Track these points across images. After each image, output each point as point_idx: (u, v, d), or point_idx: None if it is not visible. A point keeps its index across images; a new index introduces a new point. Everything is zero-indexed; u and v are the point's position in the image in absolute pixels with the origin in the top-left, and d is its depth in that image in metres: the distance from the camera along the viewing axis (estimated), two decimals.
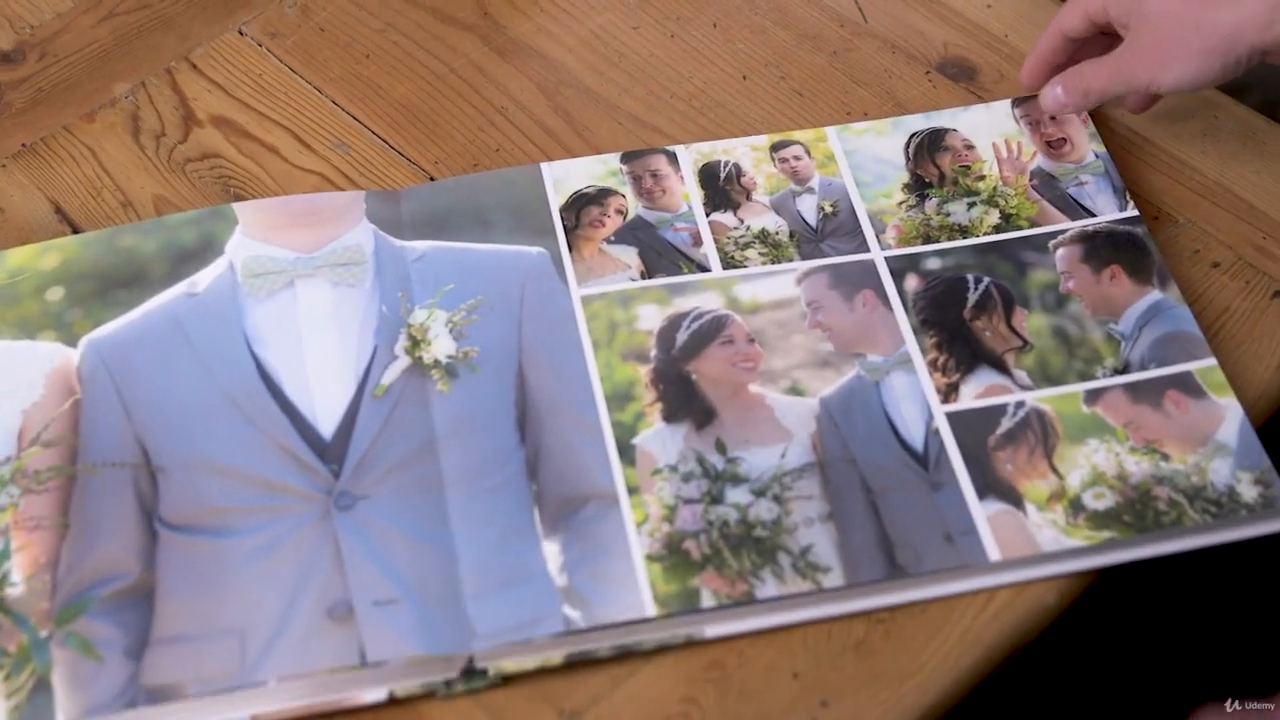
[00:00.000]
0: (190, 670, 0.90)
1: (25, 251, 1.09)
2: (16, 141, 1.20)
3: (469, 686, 0.91)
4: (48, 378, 1.01)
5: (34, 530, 0.94)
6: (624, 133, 1.20)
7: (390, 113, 1.22)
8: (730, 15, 1.28)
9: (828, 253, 1.10)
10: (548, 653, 0.92)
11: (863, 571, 0.94)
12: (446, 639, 0.91)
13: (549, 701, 0.91)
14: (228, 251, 1.07)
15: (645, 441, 1.00)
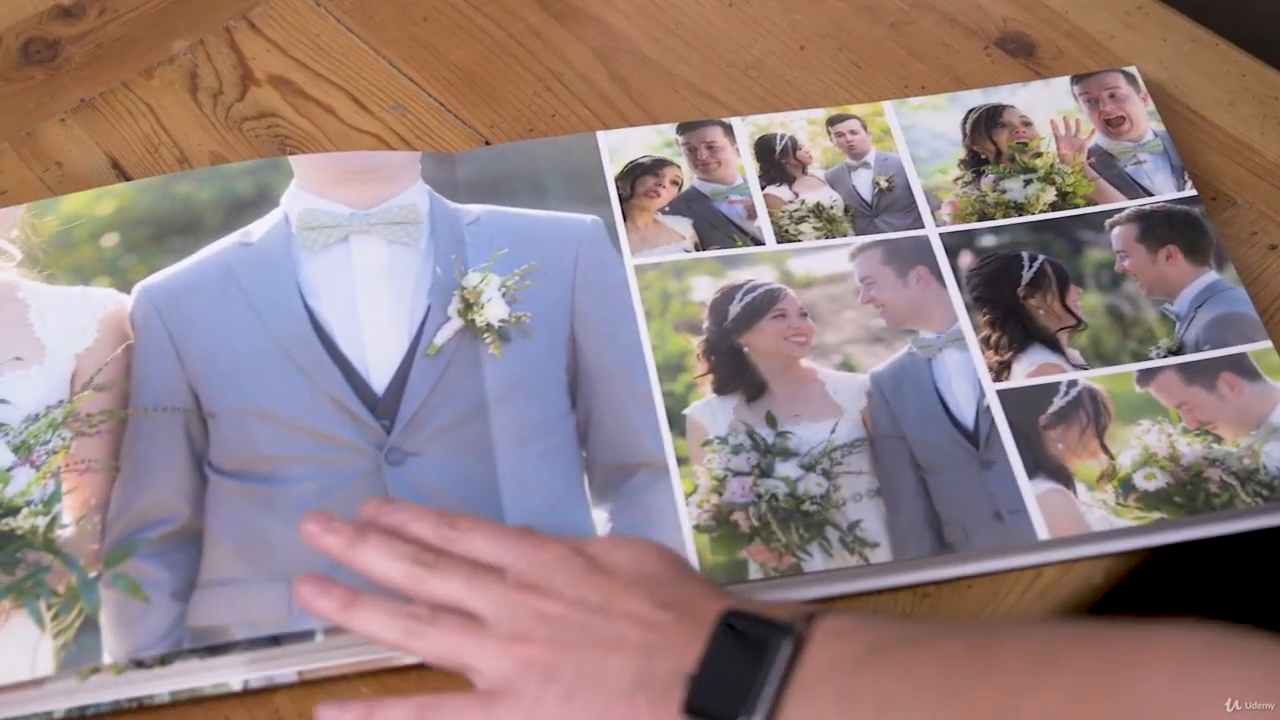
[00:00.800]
0: (237, 613, 0.90)
1: (80, 198, 1.09)
2: (75, 96, 1.20)
3: None
4: (101, 323, 1.01)
5: (85, 473, 0.95)
6: (680, 101, 1.19)
7: (447, 76, 1.21)
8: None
9: (882, 228, 1.10)
10: None
11: (910, 548, 0.94)
12: None
13: None
14: (283, 203, 1.07)
15: (696, 412, 1.00)
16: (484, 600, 0.80)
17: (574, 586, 0.80)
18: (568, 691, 0.78)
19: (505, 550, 0.83)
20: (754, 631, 0.78)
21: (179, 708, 0.90)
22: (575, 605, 0.79)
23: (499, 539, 0.84)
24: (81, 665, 0.88)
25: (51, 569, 0.91)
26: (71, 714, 0.89)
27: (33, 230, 1.07)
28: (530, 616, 0.79)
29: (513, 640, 0.79)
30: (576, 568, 0.81)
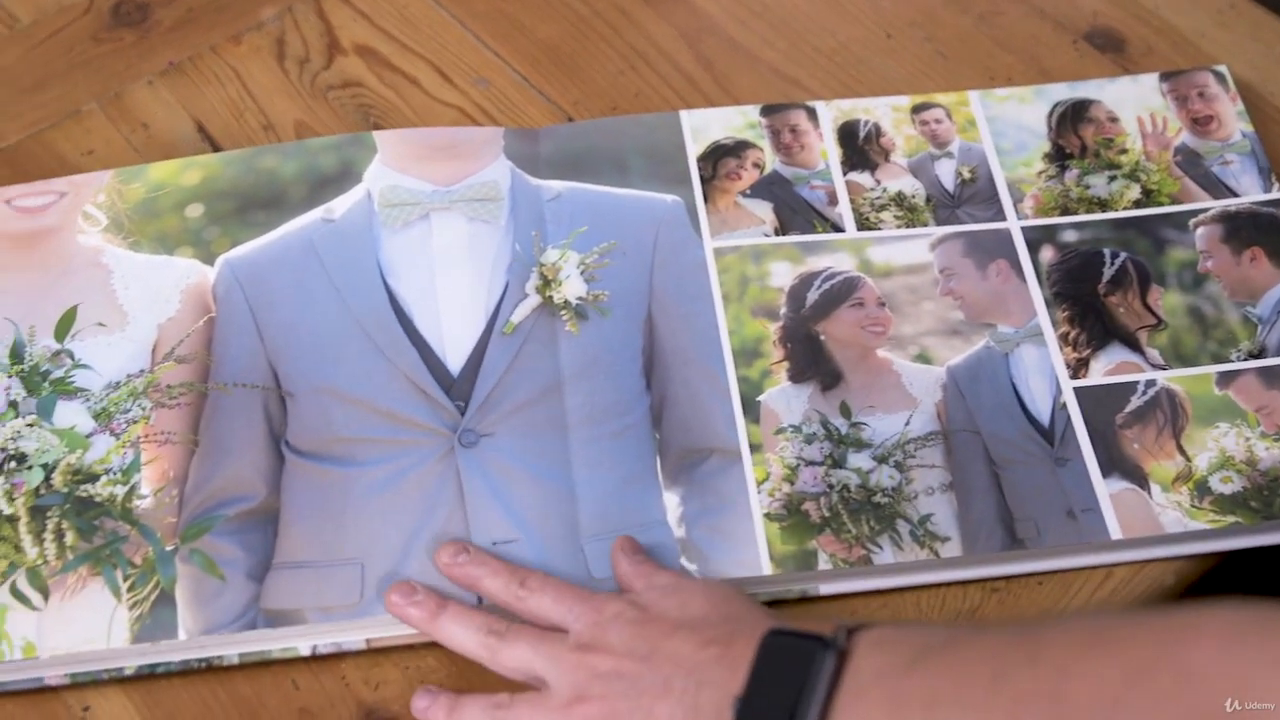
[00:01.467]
0: (311, 598, 0.91)
1: (167, 167, 1.10)
2: (164, 59, 1.21)
3: None
4: (184, 293, 1.02)
5: (164, 444, 0.96)
6: (764, 84, 1.19)
7: (532, 51, 1.22)
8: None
9: (963, 219, 1.09)
10: None
11: (981, 543, 0.94)
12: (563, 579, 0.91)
13: None
14: (366, 179, 1.07)
15: (770, 399, 1.00)
16: (548, 665, 0.85)
17: (625, 640, 0.84)
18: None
19: (568, 611, 0.87)
20: (796, 648, 0.79)
21: (246, 670, 0.91)
22: (626, 658, 0.83)
23: (562, 600, 0.88)
24: (156, 639, 0.89)
25: (129, 539, 0.92)
26: (141, 672, 0.90)
27: (119, 196, 1.08)
28: (587, 676, 0.83)
29: (573, 701, 0.83)
30: (628, 621, 0.85)
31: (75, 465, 0.93)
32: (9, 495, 0.92)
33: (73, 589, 0.91)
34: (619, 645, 0.84)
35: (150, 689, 0.91)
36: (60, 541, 0.91)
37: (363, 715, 0.90)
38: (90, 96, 1.19)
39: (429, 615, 0.89)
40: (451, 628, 0.88)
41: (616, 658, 0.83)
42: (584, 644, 0.85)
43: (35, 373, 0.98)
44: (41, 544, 0.91)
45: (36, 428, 0.95)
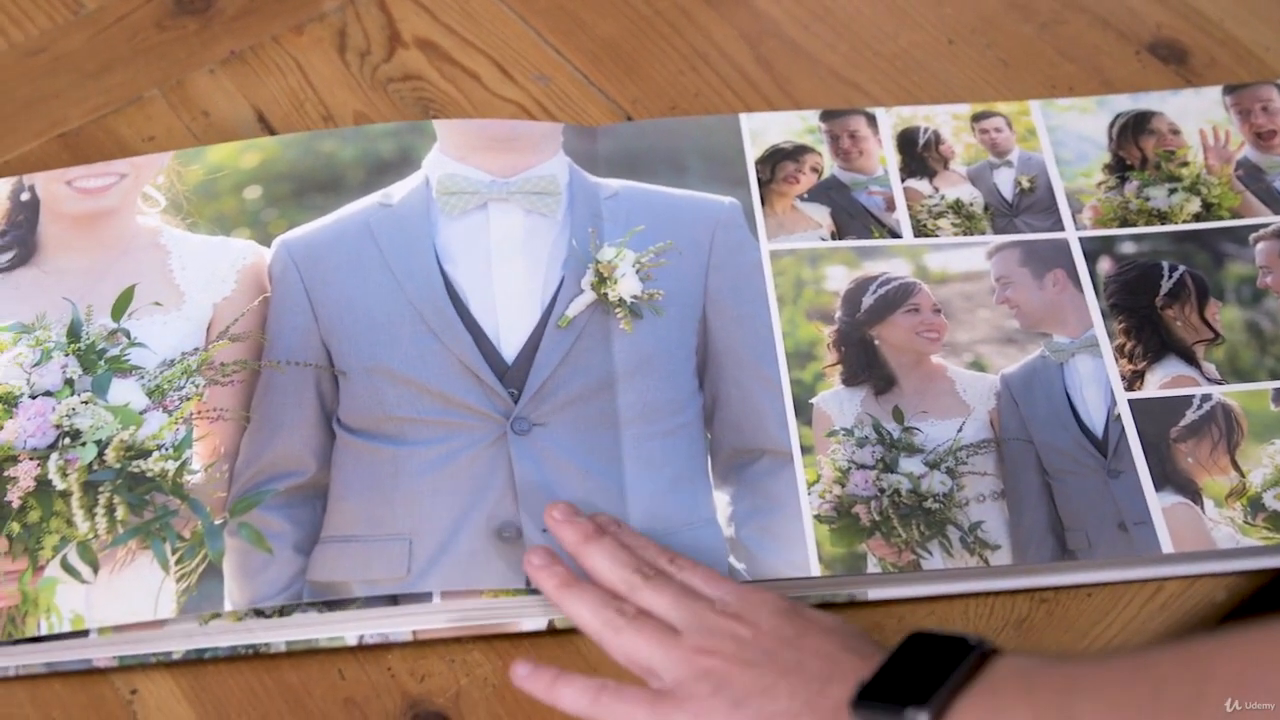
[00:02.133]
0: (357, 571, 0.91)
1: (226, 149, 1.11)
2: (226, 48, 1.21)
3: None
4: (240, 274, 1.03)
5: (216, 420, 0.96)
6: (824, 88, 1.19)
7: (593, 49, 1.22)
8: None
9: (1021, 228, 1.09)
10: None
11: (1032, 553, 0.93)
12: None
13: None
14: (424, 167, 1.07)
15: (823, 402, 0.99)
16: (687, 616, 0.83)
17: (774, 620, 0.83)
18: (735, 701, 0.79)
19: (718, 587, 0.86)
20: (937, 644, 0.79)
21: (294, 658, 0.91)
22: (769, 635, 0.82)
23: (714, 579, 0.86)
24: (203, 611, 0.90)
25: (178, 513, 0.93)
26: (189, 656, 0.90)
27: (178, 178, 1.08)
28: (723, 635, 0.82)
29: (698, 651, 0.81)
30: (782, 608, 0.84)
31: (128, 441, 0.94)
32: (62, 471, 0.92)
33: (122, 562, 0.91)
34: (765, 624, 0.82)
35: (198, 674, 0.91)
36: (111, 516, 0.92)
37: (407, 706, 0.90)
38: (152, 83, 1.19)
39: (560, 584, 0.87)
40: (578, 603, 0.86)
41: (759, 632, 0.82)
42: (730, 612, 0.83)
43: (92, 351, 0.98)
44: (93, 518, 0.91)
45: (91, 405, 0.95)
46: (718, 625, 0.82)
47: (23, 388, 0.96)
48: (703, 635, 0.82)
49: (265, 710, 0.89)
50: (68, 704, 0.90)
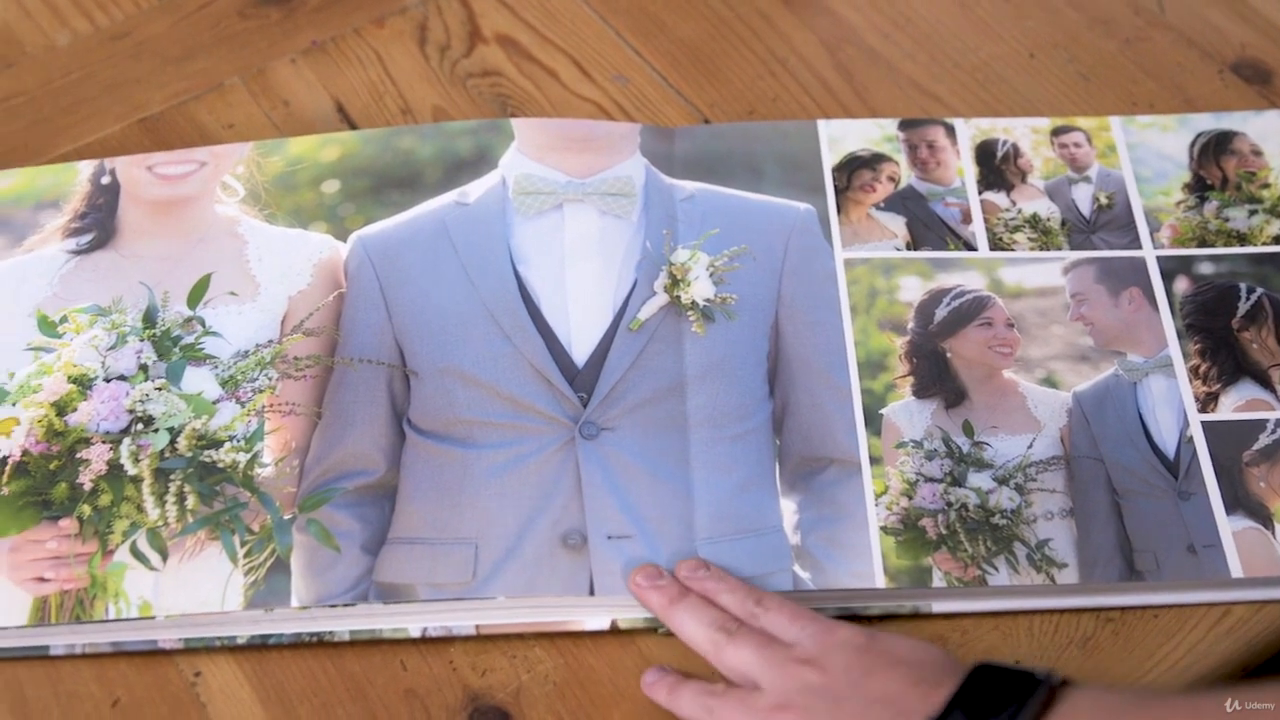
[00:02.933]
0: (424, 574, 0.92)
1: (306, 142, 1.11)
2: (308, 38, 1.22)
3: None
4: (316, 267, 1.03)
5: (288, 415, 0.97)
6: (903, 98, 1.18)
7: (672, 51, 1.22)
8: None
9: (1098, 245, 1.08)
10: None
11: (1099, 572, 0.93)
12: None
13: None
14: (501, 166, 1.08)
15: (893, 413, 0.99)
16: (765, 669, 0.85)
17: (844, 663, 0.84)
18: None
19: (800, 630, 0.86)
20: (1004, 678, 0.80)
21: (357, 647, 0.92)
22: (837, 677, 0.83)
23: (796, 619, 0.87)
24: (269, 605, 0.90)
25: (248, 506, 0.93)
26: (254, 641, 0.91)
27: (258, 169, 1.09)
28: (799, 686, 0.84)
29: (776, 709, 0.83)
30: (854, 648, 0.85)
31: (200, 430, 0.94)
32: (134, 456, 0.93)
33: (191, 551, 0.92)
34: (837, 666, 0.84)
35: (261, 659, 0.91)
36: (181, 504, 0.92)
37: (468, 700, 0.90)
38: (234, 71, 1.20)
39: (668, 601, 0.89)
40: (685, 617, 0.89)
41: (830, 676, 0.83)
42: (806, 658, 0.85)
43: (166, 338, 0.99)
44: (163, 506, 0.92)
45: (165, 392, 0.96)
46: (793, 676, 0.84)
47: (97, 370, 0.97)
48: (780, 690, 0.84)
49: (326, 698, 0.90)
50: (132, 684, 0.90)
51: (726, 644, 0.87)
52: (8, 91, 1.19)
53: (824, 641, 0.85)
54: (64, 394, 0.95)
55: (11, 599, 0.91)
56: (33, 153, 1.15)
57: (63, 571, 0.91)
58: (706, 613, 0.89)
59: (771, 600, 0.89)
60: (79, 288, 1.03)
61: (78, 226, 1.07)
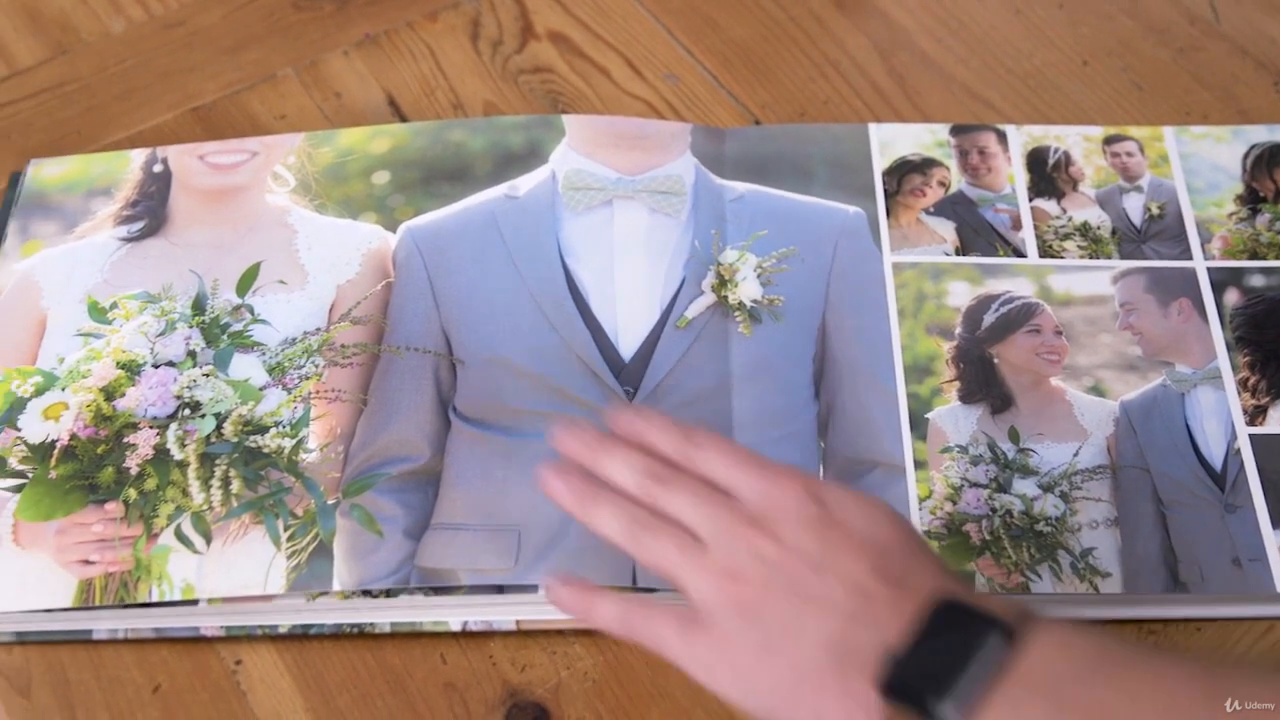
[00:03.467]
0: (466, 559, 0.92)
1: (357, 133, 1.12)
2: (360, 31, 1.22)
3: None
4: (365, 257, 1.04)
5: (334, 401, 0.97)
6: (955, 103, 1.18)
7: (724, 51, 1.21)
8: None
9: (1148, 255, 1.08)
10: None
11: (1143, 582, 0.92)
12: None
13: None
14: (551, 161, 1.08)
15: (939, 418, 0.99)
16: (708, 525, 0.78)
17: (798, 533, 0.77)
18: (765, 644, 0.75)
19: (741, 476, 0.79)
20: (968, 622, 0.73)
21: (397, 639, 0.92)
22: (794, 553, 0.76)
23: (736, 464, 0.80)
24: (311, 589, 0.91)
25: (292, 491, 0.93)
26: (295, 631, 0.91)
27: (309, 159, 1.09)
28: (748, 554, 0.76)
29: (726, 575, 0.76)
30: (806, 514, 0.77)
31: (246, 416, 0.95)
32: (181, 441, 0.93)
33: (235, 535, 0.92)
34: (789, 536, 0.77)
35: (301, 649, 0.92)
36: (226, 489, 0.93)
37: (506, 695, 0.90)
38: (287, 62, 1.20)
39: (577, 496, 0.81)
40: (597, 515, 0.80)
41: (784, 550, 0.76)
42: (752, 518, 0.78)
43: (215, 325, 0.99)
44: (208, 490, 0.92)
45: (212, 378, 0.96)
46: (740, 539, 0.77)
47: (146, 356, 0.97)
48: (727, 553, 0.77)
49: (366, 689, 0.90)
50: (173, 670, 0.91)
51: (659, 490, 0.79)
52: (63, 78, 1.20)
53: (772, 499, 0.78)
54: (113, 379, 0.96)
55: (57, 581, 0.91)
56: (86, 140, 1.16)
57: (108, 554, 0.91)
58: (634, 458, 0.81)
59: (706, 438, 0.81)
60: (129, 274, 1.03)
61: (129, 214, 1.07)
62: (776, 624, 0.75)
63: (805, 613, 0.75)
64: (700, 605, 0.77)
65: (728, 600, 0.76)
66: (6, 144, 1.15)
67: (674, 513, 0.79)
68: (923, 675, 0.72)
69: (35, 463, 0.94)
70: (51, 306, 1.02)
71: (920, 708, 0.71)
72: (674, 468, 0.81)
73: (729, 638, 0.76)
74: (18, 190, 1.10)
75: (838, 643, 0.74)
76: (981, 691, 0.71)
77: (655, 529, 0.79)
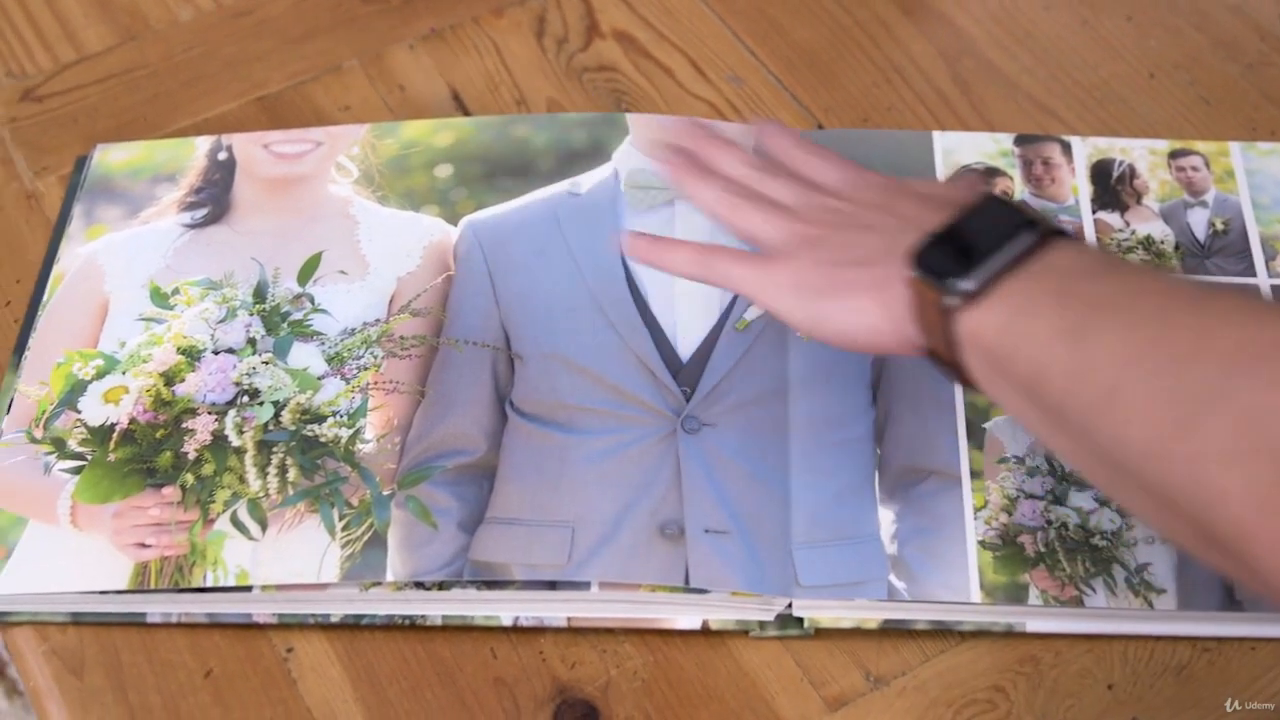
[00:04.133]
0: (519, 554, 0.92)
1: (421, 126, 1.12)
2: (426, 25, 1.23)
3: (782, 632, 0.91)
4: (426, 250, 1.04)
5: (391, 392, 0.97)
6: (1019, 113, 1.17)
7: (788, 54, 1.21)
8: (1146, 10, 1.24)
9: (1211, 271, 1.07)
10: (866, 615, 0.91)
11: (1198, 600, 0.92)
12: (770, 581, 0.91)
13: (857, 662, 0.91)
14: (614, 159, 1.08)
15: (996, 428, 0.98)
16: (800, 198, 0.87)
17: (868, 192, 0.87)
18: (822, 259, 0.83)
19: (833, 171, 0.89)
20: (1007, 215, 0.78)
21: (448, 632, 0.92)
22: (859, 202, 0.86)
23: (831, 164, 0.90)
24: (364, 578, 0.91)
25: (348, 480, 0.94)
26: (347, 620, 0.91)
27: (372, 150, 1.10)
28: (821, 209, 0.86)
29: (797, 220, 0.86)
30: (881, 184, 0.87)
31: (304, 405, 0.95)
32: (239, 428, 0.94)
33: (290, 523, 0.93)
34: (859, 195, 0.86)
35: (353, 639, 0.92)
36: (283, 477, 0.93)
37: (556, 692, 0.90)
38: (352, 54, 1.21)
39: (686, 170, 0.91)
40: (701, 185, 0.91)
41: (851, 201, 0.86)
42: (833, 191, 0.88)
43: (276, 313, 1.00)
44: (265, 477, 0.93)
45: (271, 366, 0.97)
46: (819, 202, 0.87)
47: (206, 343, 0.98)
48: (804, 210, 0.86)
49: (416, 681, 0.90)
50: (225, 655, 0.91)
51: (762, 178, 0.90)
52: (130, 64, 1.20)
53: (858, 180, 0.88)
54: (173, 365, 0.97)
55: (113, 563, 0.92)
56: (151, 126, 1.16)
57: (164, 538, 0.92)
58: (741, 155, 0.92)
59: (815, 148, 0.92)
60: (192, 261, 1.04)
61: (193, 201, 1.08)
62: (836, 245, 0.84)
63: (863, 236, 0.83)
64: (771, 246, 0.86)
65: (796, 236, 0.85)
66: (73, 128, 1.16)
67: (771, 193, 0.88)
68: (955, 248, 0.77)
69: (94, 445, 0.95)
70: (114, 291, 1.03)
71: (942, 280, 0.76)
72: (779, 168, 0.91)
73: (792, 261, 0.84)
74: (83, 175, 1.11)
75: (888, 246, 0.81)
76: (1002, 274, 0.75)
77: (753, 201, 0.88)
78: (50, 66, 1.20)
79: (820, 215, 0.86)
